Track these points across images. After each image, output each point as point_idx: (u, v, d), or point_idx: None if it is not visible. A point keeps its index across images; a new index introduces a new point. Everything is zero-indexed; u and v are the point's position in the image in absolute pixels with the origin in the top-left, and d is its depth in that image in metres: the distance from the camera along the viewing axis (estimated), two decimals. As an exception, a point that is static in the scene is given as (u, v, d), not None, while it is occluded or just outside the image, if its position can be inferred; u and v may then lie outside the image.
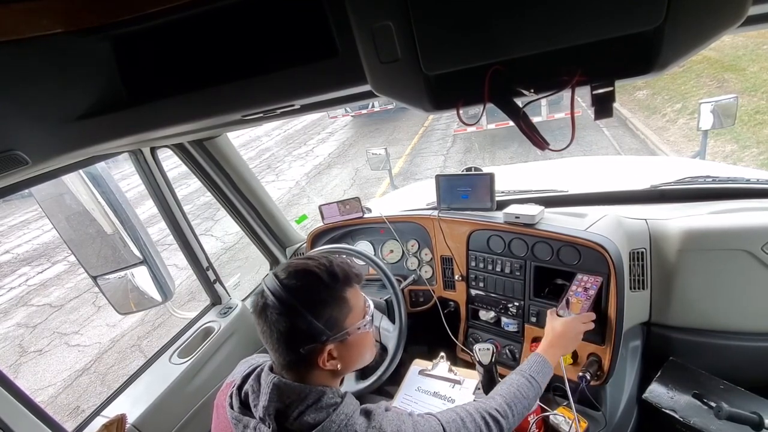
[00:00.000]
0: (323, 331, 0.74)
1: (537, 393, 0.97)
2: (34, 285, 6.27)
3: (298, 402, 0.72)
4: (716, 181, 1.48)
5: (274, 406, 0.72)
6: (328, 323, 0.74)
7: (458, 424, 0.80)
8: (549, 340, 1.09)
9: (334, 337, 0.75)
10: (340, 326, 0.76)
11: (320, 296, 0.75)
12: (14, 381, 1.11)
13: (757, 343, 1.28)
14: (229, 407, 0.80)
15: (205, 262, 1.71)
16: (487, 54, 0.51)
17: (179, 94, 0.71)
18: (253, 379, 0.79)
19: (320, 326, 0.73)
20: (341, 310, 0.77)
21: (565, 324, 1.10)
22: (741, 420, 1.05)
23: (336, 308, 0.76)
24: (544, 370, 1.01)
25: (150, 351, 3.95)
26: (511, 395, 0.92)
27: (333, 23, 0.60)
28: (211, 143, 1.61)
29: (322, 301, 0.75)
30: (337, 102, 0.92)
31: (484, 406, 0.87)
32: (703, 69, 7.15)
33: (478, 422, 0.83)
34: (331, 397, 0.74)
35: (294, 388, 0.73)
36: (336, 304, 0.76)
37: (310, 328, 0.73)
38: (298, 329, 0.73)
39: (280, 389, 0.73)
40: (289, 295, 0.73)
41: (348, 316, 0.78)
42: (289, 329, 0.72)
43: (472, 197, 1.52)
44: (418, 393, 1.25)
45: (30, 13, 0.56)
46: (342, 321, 0.77)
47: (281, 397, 0.72)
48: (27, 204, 10.88)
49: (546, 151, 0.67)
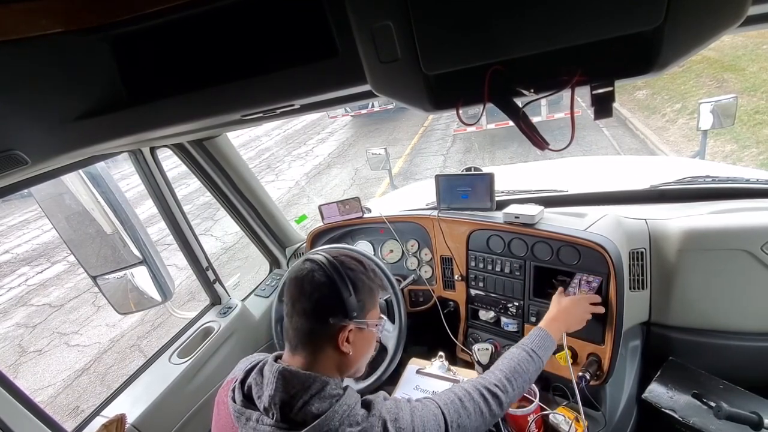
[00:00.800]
0: (355, 309, 0.79)
1: (538, 367, 0.96)
2: (33, 285, 6.27)
3: (303, 391, 0.73)
4: (716, 181, 1.48)
5: (279, 395, 0.72)
6: (359, 305, 0.80)
7: (456, 405, 0.82)
8: (553, 314, 1.09)
9: (359, 320, 0.80)
10: (365, 314, 0.82)
11: (363, 281, 0.82)
12: (14, 381, 1.11)
13: (757, 343, 1.28)
14: (232, 401, 0.80)
15: (205, 262, 1.71)
16: (487, 54, 0.51)
17: (179, 94, 0.71)
18: (256, 372, 0.80)
19: (355, 303, 0.79)
20: (371, 301, 0.84)
21: (572, 300, 1.10)
22: (740, 420, 1.05)
23: (368, 297, 0.83)
24: (545, 344, 1.00)
25: (149, 351, 3.95)
26: (511, 369, 0.92)
27: (333, 23, 0.60)
28: (211, 143, 1.61)
29: (363, 284, 0.82)
30: (337, 102, 0.92)
31: (482, 382, 0.88)
32: (702, 69, 7.16)
33: (476, 400, 0.84)
34: (334, 388, 0.75)
35: (299, 377, 0.74)
36: (370, 294, 0.84)
37: (347, 301, 0.78)
38: (337, 298, 0.78)
39: (286, 378, 0.74)
40: (340, 267, 0.80)
41: (372, 310, 0.85)
42: (328, 295, 0.77)
43: (471, 197, 1.52)
44: (416, 392, 1.25)
45: (30, 13, 0.56)
46: (367, 311, 0.83)
47: (286, 387, 0.73)
48: (26, 204, 10.88)
49: (546, 151, 0.67)
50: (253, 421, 0.74)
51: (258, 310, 1.81)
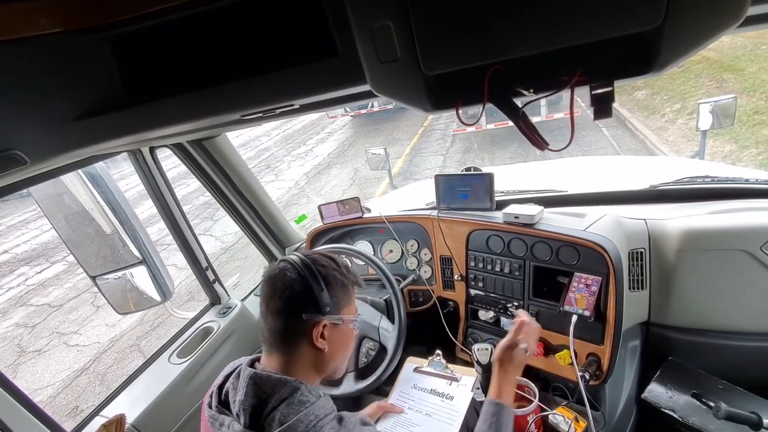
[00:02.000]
0: (328, 304, 0.81)
1: None
2: (32, 285, 6.26)
3: (273, 395, 0.72)
4: (715, 181, 1.48)
5: (250, 401, 0.72)
6: (333, 301, 0.82)
7: None
8: (497, 381, 1.00)
9: (332, 316, 0.82)
10: (339, 310, 0.84)
11: (336, 277, 0.84)
12: (13, 381, 1.11)
13: (756, 342, 1.28)
14: (207, 407, 0.81)
15: (204, 262, 1.71)
16: (487, 54, 0.51)
17: (178, 94, 0.71)
18: (234, 377, 0.80)
19: (328, 298, 0.81)
20: (344, 297, 0.85)
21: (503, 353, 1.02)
22: (740, 420, 1.05)
23: (342, 293, 0.85)
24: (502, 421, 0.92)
25: (149, 351, 3.94)
26: None
27: (332, 23, 0.60)
28: (211, 143, 1.61)
29: (335, 280, 0.83)
30: (336, 102, 0.92)
31: None
32: (702, 69, 7.16)
33: None
34: (305, 395, 0.74)
35: (270, 381, 0.74)
36: (344, 289, 0.85)
37: (319, 297, 0.80)
38: (308, 293, 0.79)
39: (256, 383, 0.74)
40: (312, 264, 0.82)
41: (347, 306, 0.86)
42: (300, 291, 0.79)
43: (471, 197, 1.52)
44: (414, 390, 1.24)
45: (29, 13, 0.56)
46: (342, 307, 0.85)
47: (257, 392, 0.73)
48: (26, 204, 10.86)
49: (545, 151, 0.67)
50: (225, 427, 0.74)
51: (258, 310, 1.80)
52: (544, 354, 1.32)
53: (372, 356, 1.42)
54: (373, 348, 1.43)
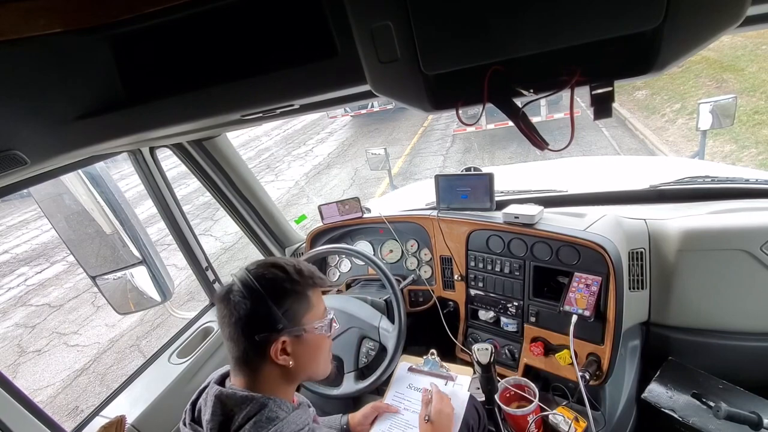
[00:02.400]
0: (280, 320, 0.76)
1: None
2: (32, 285, 6.26)
3: (238, 414, 0.71)
4: (715, 181, 1.48)
5: (217, 419, 0.71)
6: (287, 314, 0.77)
7: None
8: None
9: (290, 329, 0.77)
10: (298, 320, 0.79)
11: (283, 286, 0.78)
12: (13, 381, 1.11)
13: (756, 342, 1.28)
14: (182, 423, 0.80)
15: (205, 262, 1.71)
16: (487, 54, 0.51)
17: (178, 94, 0.71)
18: (206, 393, 0.80)
19: (279, 314, 0.75)
20: (301, 305, 0.79)
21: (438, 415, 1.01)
22: (740, 420, 1.05)
23: (296, 302, 0.79)
24: None
25: (149, 351, 3.94)
26: None
27: (332, 23, 0.60)
28: (211, 143, 1.61)
29: (284, 291, 0.77)
30: (336, 102, 0.92)
31: None
32: (702, 69, 7.16)
33: None
34: (273, 410, 0.72)
35: (236, 399, 0.73)
36: (297, 298, 0.79)
37: (269, 314, 0.75)
38: (257, 314, 0.75)
39: (222, 401, 0.73)
40: (254, 281, 0.76)
41: (307, 313, 0.80)
42: (248, 313, 0.74)
43: (471, 197, 1.52)
44: (409, 390, 1.23)
45: (28, 13, 0.56)
46: (301, 317, 0.79)
47: (224, 410, 0.72)
48: (26, 204, 10.86)
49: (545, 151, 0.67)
50: None
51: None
52: (544, 354, 1.32)
53: (372, 356, 1.41)
54: (373, 348, 1.42)
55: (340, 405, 1.49)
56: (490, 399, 1.08)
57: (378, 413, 1.17)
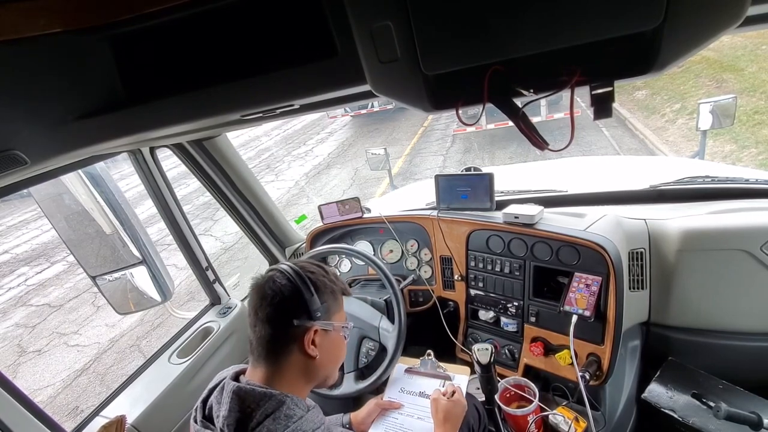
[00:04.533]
0: (319, 309, 0.80)
1: None
2: (33, 285, 6.25)
3: (257, 410, 0.71)
4: (715, 181, 1.48)
5: (234, 416, 0.71)
6: (323, 307, 0.81)
7: None
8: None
9: (324, 321, 0.81)
10: (330, 316, 0.84)
11: (325, 283, 0.84)
12: (13, 381, 1.11)
13: (756, 343, 1.28)
14: (193, 421, 0.80)
15: (205, 262, 1.71)
16: (487, 54, 0.51)
17: (178, 94, 0.71)
18: (218, 390, 0.79)
19: (318, 304, 0.80)
20: (335, 304, 0.86)
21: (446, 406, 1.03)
22: (740, 420, 1.05)
23: (332, 299, 0.85)
24: None
25: (149, 351, 3.94)
26: None
27: (332, 23, 0.60)
28: (211, 143, 1.61)
29: (325, 287, 0.83)
30: (336, 102, 0.92)
31: None
32: (702, 69, 7.16)
33: None
34: (292, 408, 0.72)
35: (254, 395, 0.72)
36: (333, 296, 0.85)
37: (309, 302, 0.79)
38: (299, 299, 0.78)
39: (240, 397, 0.72)
40: (301, 270, 0.81)
41: (337, 313, 0.86)
42: (290, 297, 0.78)
43: (471, 197, 1.52)
44: (402, 394, 1.22)
45: (29, 13, 0.56)
46: (333, 313, 0.85)
47: (241, 406, 0.72)
48: (26, 204, 10.86)
49: (545, 151, 0.67)
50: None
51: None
52: (545, 354, 1.32)
53: (372, 356, 1.41)
54: (373, 348, 1.42)
55: (340, 405, 1.48)
56: (490, 399, 1.08)
57: (380, 410, 1.18)
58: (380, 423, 1.16)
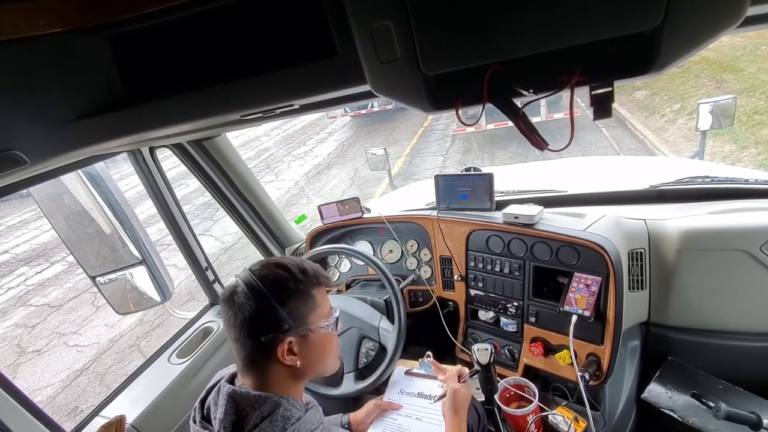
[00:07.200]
0: (286, 320, 0.75)
1: None
2: (32, 285, 6.25)
3: (252, 413, 0.70)
4: (715, 181, 1.48)
5: (229, 419, 0.71)
6: (292, 314, 0.76)
7: None
8: (449, 422, 1.02)
9: (296, 329, 0.76)
10: (303, 320, 0.78)
11: (288, 286, 0.77)
12: (12, 381, 1.11)
13: (756, 343, 1.28)
14: (192, 421, 0.80)
15: (204, 262, 1.71)
16: (486, 54, 0.51)
17: (178, 94, 0.71)
18: (215, 391, 0.79)
19: (284, 314, 0.75)
20: (306, 305, 0.79)
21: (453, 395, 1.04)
22: (739, 420, 1.05)
23: (302, 302, 0.78)
24: None
25: (149, 351, 3.94)
26: None
27: (332, 23, 0.60)
28: (210, 143, 1.61)
29: (289, 291, 0.77)
30: (336, 102, 0.92)
31: None
32: (701, 69, 7.16)
33: None
34: (288, 409, 0.72)
35: (249, 398, 0.72)
36: (302, 297, 0.78)
37: (274, 315, 0.74)
38: (262, 315, 0.74)
39: (236, 400, 0.72)
40: (258, 282, 0.75)
41: (313, 312, 0.80)
42: (253, 314, 0.74)
43: (471, 197, 1.52)
44: (401, 396, 1.22)
45: (29, 13, 0.56)
46: (306, 316, 0.78)
47: (237, 409, 0.72)
48: (25, 204, 10.85)
49: (545, 152, 0.67)
50: None
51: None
52: (544, 354, 1.32)
53: (372, 356, 1.41)
54: (373, 348, 1.42)
55: (339, 405, 1.48)
56: (490, 399, 1.08)
57: (379, 411, 1.18)
58: (379, 423, 1.16)
